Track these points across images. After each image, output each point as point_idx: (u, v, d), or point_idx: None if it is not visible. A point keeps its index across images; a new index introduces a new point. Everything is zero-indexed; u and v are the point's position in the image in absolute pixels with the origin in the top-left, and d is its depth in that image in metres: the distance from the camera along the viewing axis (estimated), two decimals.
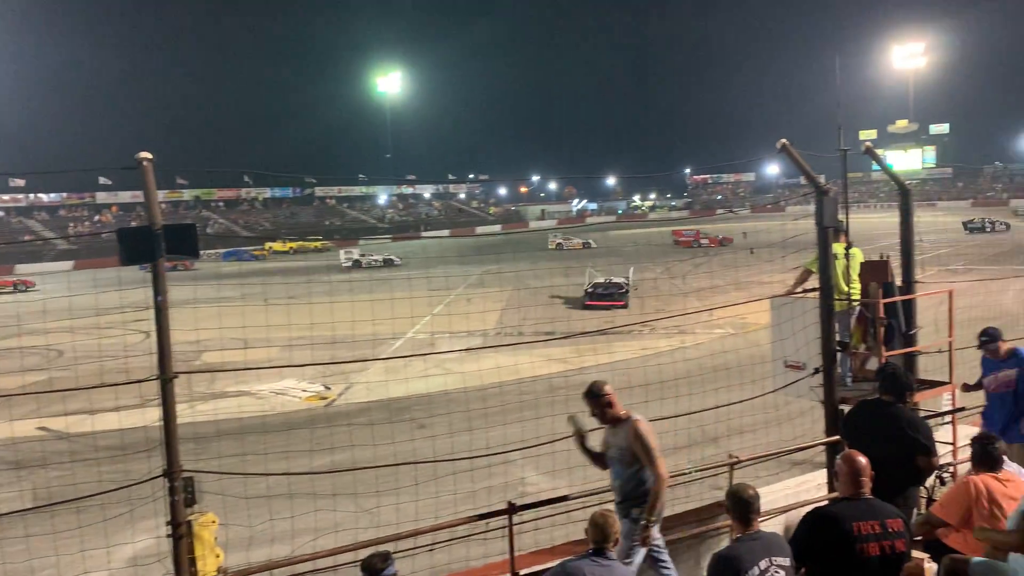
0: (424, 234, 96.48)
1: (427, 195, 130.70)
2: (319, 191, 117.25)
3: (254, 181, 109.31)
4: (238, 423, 12.32)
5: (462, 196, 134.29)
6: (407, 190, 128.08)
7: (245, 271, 55.91)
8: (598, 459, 5.95)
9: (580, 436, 5.98)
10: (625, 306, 29.91)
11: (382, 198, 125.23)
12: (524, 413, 11.05)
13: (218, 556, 5.42)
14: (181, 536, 5.10)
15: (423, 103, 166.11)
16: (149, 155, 5.01)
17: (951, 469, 7.99)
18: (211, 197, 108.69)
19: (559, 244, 66.51)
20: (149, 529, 7.75)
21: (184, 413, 14.69)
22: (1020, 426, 6.80)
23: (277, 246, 76.82)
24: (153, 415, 5.02)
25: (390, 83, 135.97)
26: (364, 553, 4.83)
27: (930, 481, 6.58)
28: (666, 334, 24.27)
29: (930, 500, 6.47)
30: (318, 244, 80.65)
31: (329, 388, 20.12)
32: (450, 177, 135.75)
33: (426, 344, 25.13)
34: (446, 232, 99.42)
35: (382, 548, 4.92)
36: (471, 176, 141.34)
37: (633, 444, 5.47)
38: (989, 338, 7.06)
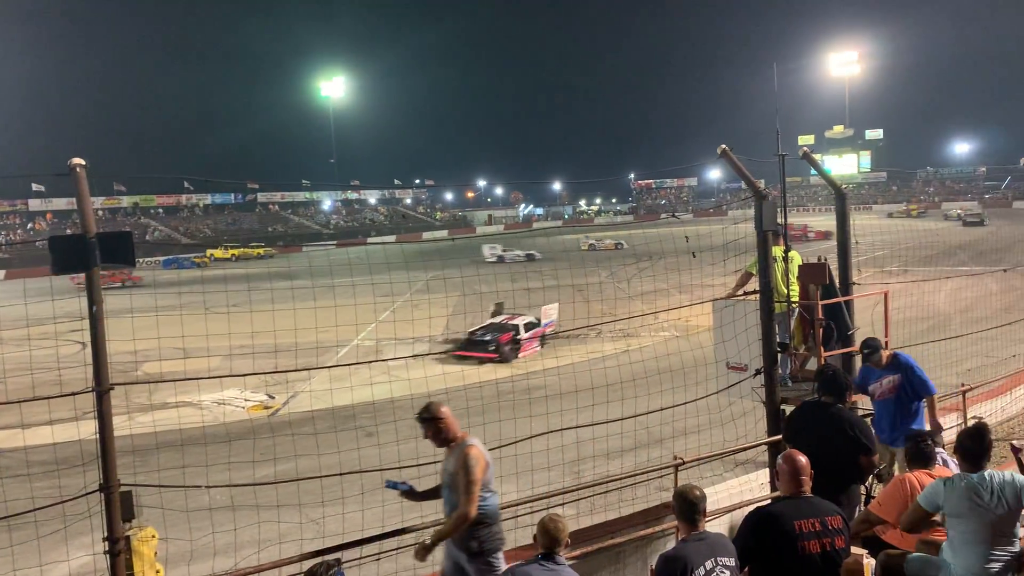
0: (370, 240, 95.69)
1: (372, 201, 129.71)
2: (262, 197, 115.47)
3: (195, 187, 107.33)
4: (179, 434, 12.04)
5: (408, 201, 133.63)
6: (352, 196, 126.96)
7: (185, 279, 54.72)
8: (433, 492, 5.50)
9: (407, 495, 5.57)
10: (500, 359, 22.56)
11: (326, 204, 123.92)
12: (473, 419, 11.02)
13: (158, 572, 5.30)
14: (119, 552, 4.98)
15: (368, 108, 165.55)
16: (82, 161, 4.88)
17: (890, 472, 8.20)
18: (150, 204, 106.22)
19: (591, 245, 66.20)
20: (85, 546, 7.52)
21: (123, 425, 14.31)
22: (904, 429, 7.03)
23: (219, 253, 75.36)
24: (89, 428, 4.88)
25: (334, 88, 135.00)
26: (309, 565, 4.77)
27: (870, 479, 6.74)
28: (612, 338, 24.48)
29: (869, 497, 6.63)
30: (261, 251, 79.32)
31: (273, 397, 19.82)
32: (396, 182, 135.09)
33: (372, 351, 24.92)
34: (392, 238, 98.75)
35: (329, 557, 4.86)
36: (417, 181, 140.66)
37: (458, 470, 5.02)
38: (871, 349, 7.27)
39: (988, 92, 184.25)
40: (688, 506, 4.30)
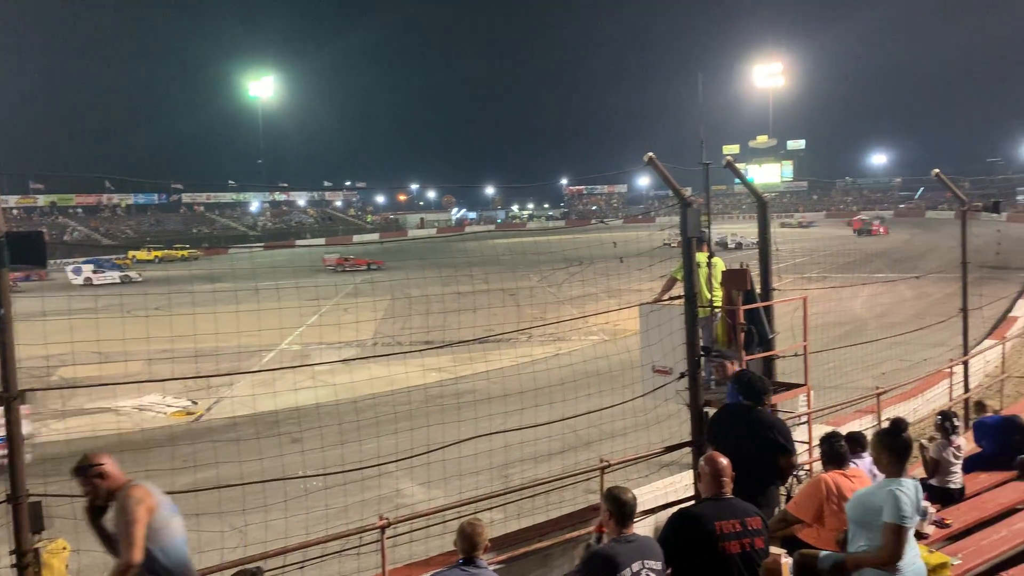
0: (299, 243, 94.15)
1: (302, 203, 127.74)
2: (186, 197, 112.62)
3: (116, 187, 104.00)
4: (97, 442, 11.61)
5: (338, 204, 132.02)
6: (280, 197, 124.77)
7: (106, 281, 52.99)
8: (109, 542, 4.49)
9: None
10: None
11: (254, 205, 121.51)
12: (401, 424, 10.94)
13: None
14: (27, 565, 4.78)
15: (298, 108, 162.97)
16: None
17: (807, 467, 8.45)
18: (69, 203, 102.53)
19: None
20: None
21: (37, 433, 13.74)
22: None
23: (141, 255, 73.17)
24: None
25: (262, 88, 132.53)
26: (230, 573, 4.66)
27: (789, 480, 6.91)
28: (543, 341, 24.61)
29: (789, 497, 6.80)
30: (185, 253, 77.29)
31: (196, 403, 19.31)
32: (326, 184, 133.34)
33: (299, 356, 24.52)
34: (321, 241, 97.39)
35: (250, 566, 4.76)
36: (348, 183, 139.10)
37: (117, 514, 4.29)
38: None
39: (904, 105, 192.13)
40: (622, 508, 4.33)
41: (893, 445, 4.46)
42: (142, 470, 8.72)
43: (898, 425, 4.63)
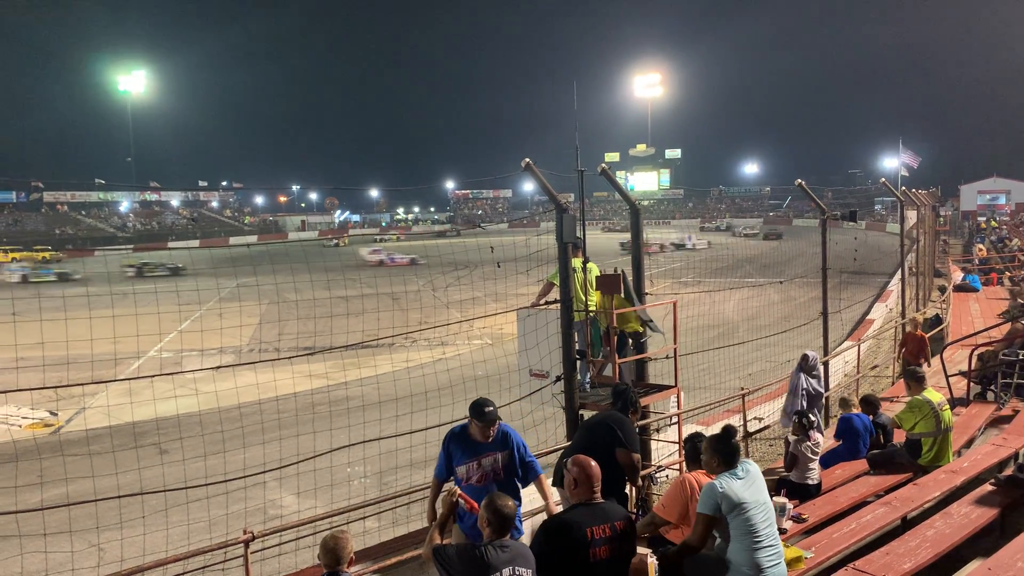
0: (171, 245, 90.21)
1: (175, 203, 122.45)
2: (48, 196, 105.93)
3: None
4: None
5: (214, 204, 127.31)
6: (152, 197, 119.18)
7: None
8: None
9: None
10: None
11: (123, 205, 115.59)
12: (278, 432, 10.59)
13: None
14: None
15: (171, 105, 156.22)
16: None
17: (677, 467, 8.68)
18: None
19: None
20: None
21: None
22: None
23: None
24: None
25: (133, 82, 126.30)
26: None
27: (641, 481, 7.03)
28: (428, 346, 24.46)
29: (640, 499, 6.96)
30: (47, 254, 72.61)
31: (56, 414, 18.15)
32: (201, 184, 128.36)
33: (169, 363, 23.45)
34: (195, 243, 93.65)
35: None
36: (224, 183, 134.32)
37: None
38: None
39: (775, 117, 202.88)
40: (498, 518, 4.32)
41: (723, 450, 4.92)
42: None
43: (728, 432, 5.01)
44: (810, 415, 7.87)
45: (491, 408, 5.71)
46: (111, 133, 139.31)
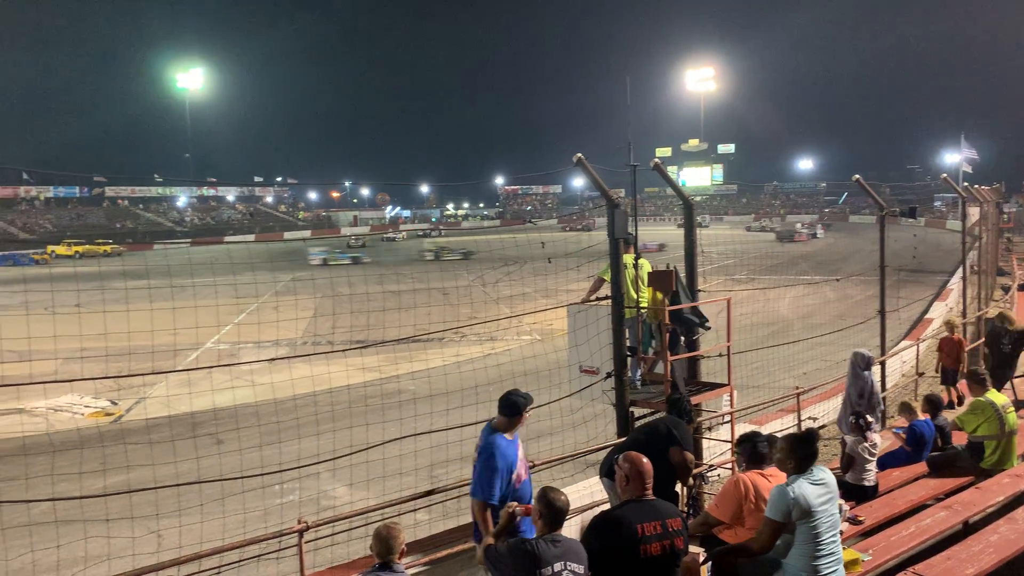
0: (227, 239, 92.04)
1: (231, 198, 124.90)
2: (110, 191, 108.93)
3: (35, 179, 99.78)
4: (3, 445, 11.11)
5: (269, 200, 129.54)
6: (209, 192, 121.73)
7: (27, 276, 50.81)
8: None
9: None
10: None
11: (181, 200, 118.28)
12: (332, 424, 10.73)
13: None
14: None
15: (228, 102, 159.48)
16: None
17: (729, 466, 8.57)
18: None
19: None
20: None
21: None
22: None
23: (61, 250, 70.43)
24: None
25: (191, 79, 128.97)
26: None
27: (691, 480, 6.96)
28: (477, 341, 24.56)
29: (691, 498, 6.89)
30: (108, 248, 74.70)
31: (116, 403, 18.68)
32: (256, 179, 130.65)
33: (226, 355, 23.94)
34: (251, 237, 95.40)
35: (164, 573, 4.59)
36: (279, 179, 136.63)
37: None
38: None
39: (831, 112, 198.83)
40: (553, 513, 4.34)
41: (802, 452, 4.73)
42: (50, 473, 8.40)
43: (811, 434, 4.85)
44: (867, 416, 7.70)
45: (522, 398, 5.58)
46: (170, 130, 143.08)
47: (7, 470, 8.29)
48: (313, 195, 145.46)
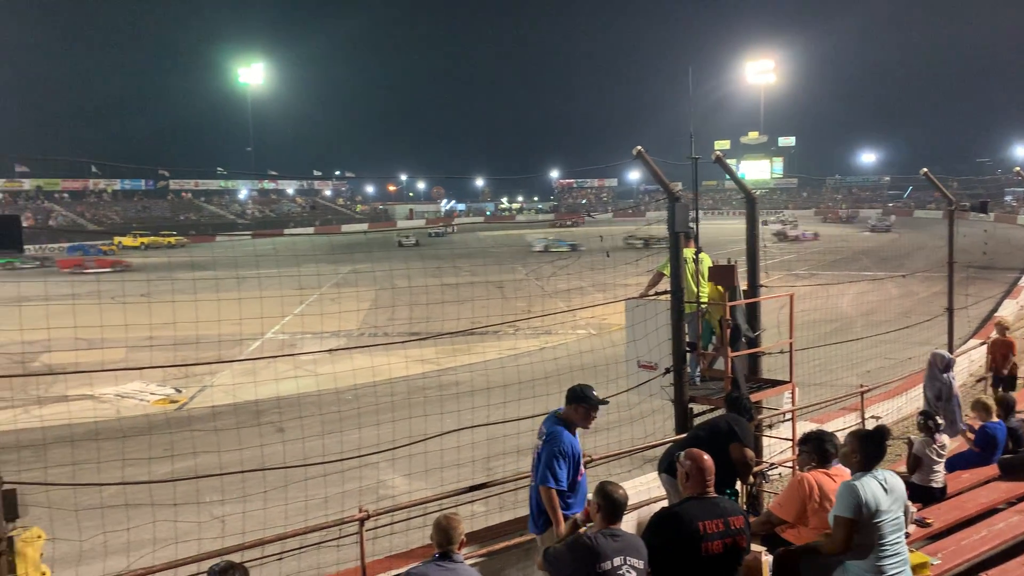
0: (287, 231, 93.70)
1: (290, 191, 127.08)
2: (174, 184, 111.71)
3: (103, 172, 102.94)
4: (75, 429, 11.51)
5: (327, 193, 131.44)
6: (269, 185, 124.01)
7: (11, 272, 52.27)
8: None
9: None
10: None
11: (242, 193, 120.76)
12: (390, 414, 10.85)
13: (43, 573, 5.04)
14: (1, 553, 4.70)
15: (287, 96, 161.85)
16: None
17: (790, 464, 8.42)
18: (55, 188, 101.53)
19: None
20: None
21: (17, 419, 13.60)
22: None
23: (127, 241, 72.66)
24: None
25: (252, 74, 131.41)
26: (206, 565, 4.59)
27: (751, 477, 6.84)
28: (531, 334, 24.58)
29: (751, 496, 6.78)
30: (172, 240, 76.80)
31: (180, 391, 19.18)
32: (315, 173, 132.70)
33: (286, 345, 24.40)
34: (310, 229, 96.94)
35: (226, 558, 4.69)
36: (337, 173, 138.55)
37: None
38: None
39: (894, 104, 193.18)
40: (610, 504, 4.34)
41: (870, 451, 4.63)
42: (121, 457, 8.67)
43: (882, 432, 4.72)
44: (936, 417, 7.48)
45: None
46: (232, 124, 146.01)
47: (79, 454, 8.60)
48: (370, 188, 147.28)
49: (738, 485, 6.42)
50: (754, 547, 4.71)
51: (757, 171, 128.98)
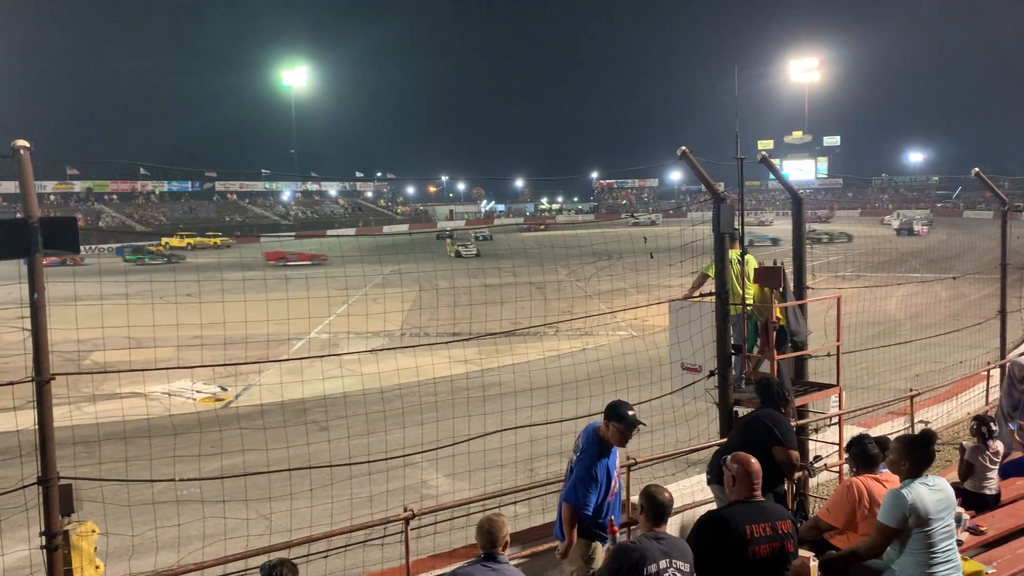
0: (330, 232, 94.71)
1: (333, 192, 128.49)
2: (219, 186, 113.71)
3: (151, 174, 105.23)
4: (125, 426, 11.75)
5: (369, 194, 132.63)
6: (312, 187, 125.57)
7: (141, 267, 53.83)
8: None
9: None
10: None
11: (286, 194, 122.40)
12: (427, 415, 10.88)
13: (98, 567, 5.16)
14: (56, 547, 4.84)
15: (330, 99, 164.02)
16: (26, 143, 4.73)
17: (822, 464, 8.26)
18: (104, 190, 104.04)
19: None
20: (22, 540, 7.32)
21: (69, 416, 13.94)
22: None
23: (174, 242, 74.14)
24: (28, 419, 4.74)
25: (296, 77, 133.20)
26: (256, 561, 4.67)
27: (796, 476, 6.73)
28: (571, 335, 24.53)
29: (798, 495, 6.67)
30: (218, 240, 78.13)
31: (226, 389, 19.50)
32: (357, 175, 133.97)
33: (330, 344, 24.67)
34: (352, 231, 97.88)
35: (275, 555, 4.76)
36: (379, 174, 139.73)
37: None
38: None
39: (942, 103, 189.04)
40: (658, 508, 4.35)
41: (918, 456, 4.54)
42: (170, 455, 8.84)
43: (928, 436, 4.64)
44: (990, 423, 7.31)
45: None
46: (276, 126, 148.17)
47: (131, 450, 8.81)
48: (411, 190, 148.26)
49: (784, 486, 6.34)
50: (802, 552, 4.66)
51: (802, 171, 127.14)
